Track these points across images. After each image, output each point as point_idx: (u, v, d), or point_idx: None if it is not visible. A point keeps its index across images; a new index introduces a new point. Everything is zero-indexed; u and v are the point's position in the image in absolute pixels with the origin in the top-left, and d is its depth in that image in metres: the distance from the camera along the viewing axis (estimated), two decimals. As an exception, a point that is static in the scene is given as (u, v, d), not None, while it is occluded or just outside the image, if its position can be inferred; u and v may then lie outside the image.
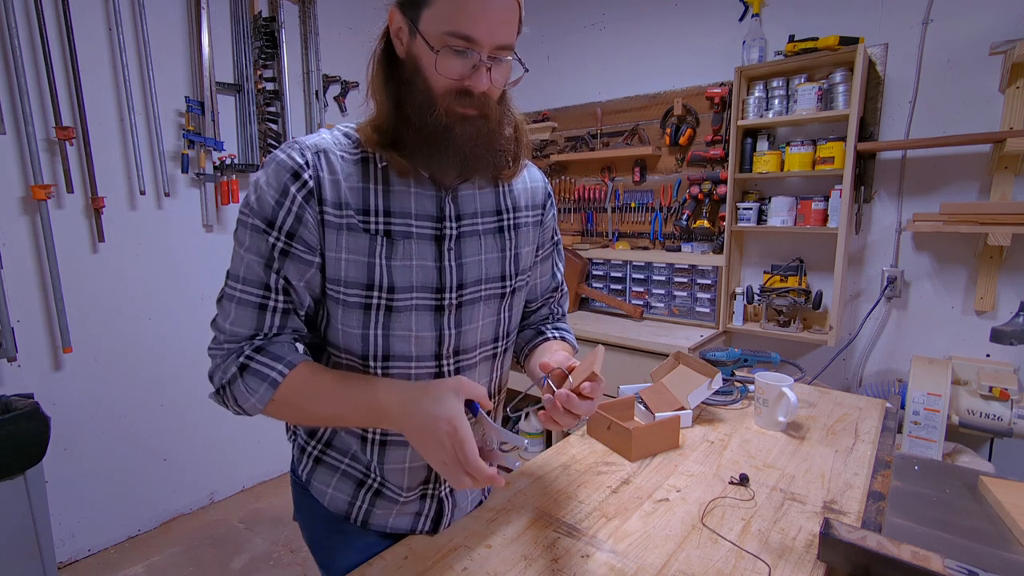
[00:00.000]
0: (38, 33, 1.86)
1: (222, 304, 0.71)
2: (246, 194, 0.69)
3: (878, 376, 2.16)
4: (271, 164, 0.68)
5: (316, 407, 0.69)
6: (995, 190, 1.83)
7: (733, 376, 1.45)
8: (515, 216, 0.83)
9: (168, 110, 2.24)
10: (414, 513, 0.84)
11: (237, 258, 0.69)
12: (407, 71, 0.68)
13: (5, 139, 1.84)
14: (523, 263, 0.84)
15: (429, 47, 0.63)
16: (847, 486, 0.95)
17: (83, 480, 2.12)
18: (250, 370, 0.68)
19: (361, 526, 0.83)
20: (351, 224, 0.69)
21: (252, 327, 0.70)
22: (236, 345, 0.70)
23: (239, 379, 0.68)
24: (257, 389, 0.68)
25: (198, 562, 2.15)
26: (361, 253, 0.70)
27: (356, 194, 0.69)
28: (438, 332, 0.76)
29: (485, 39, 0.63)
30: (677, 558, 0.76)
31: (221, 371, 0.70)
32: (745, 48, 2.23)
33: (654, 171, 2.69)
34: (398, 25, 0.67)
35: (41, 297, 1.97)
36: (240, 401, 0.69)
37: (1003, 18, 1.80)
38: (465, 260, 0.76)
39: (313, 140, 0.70)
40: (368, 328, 0.73)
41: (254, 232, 0.67)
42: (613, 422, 1.09)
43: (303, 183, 0.67)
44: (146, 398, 2.29)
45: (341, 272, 0.70)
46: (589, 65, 2.87)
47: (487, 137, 0.69)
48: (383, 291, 0.71)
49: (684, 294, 2.55)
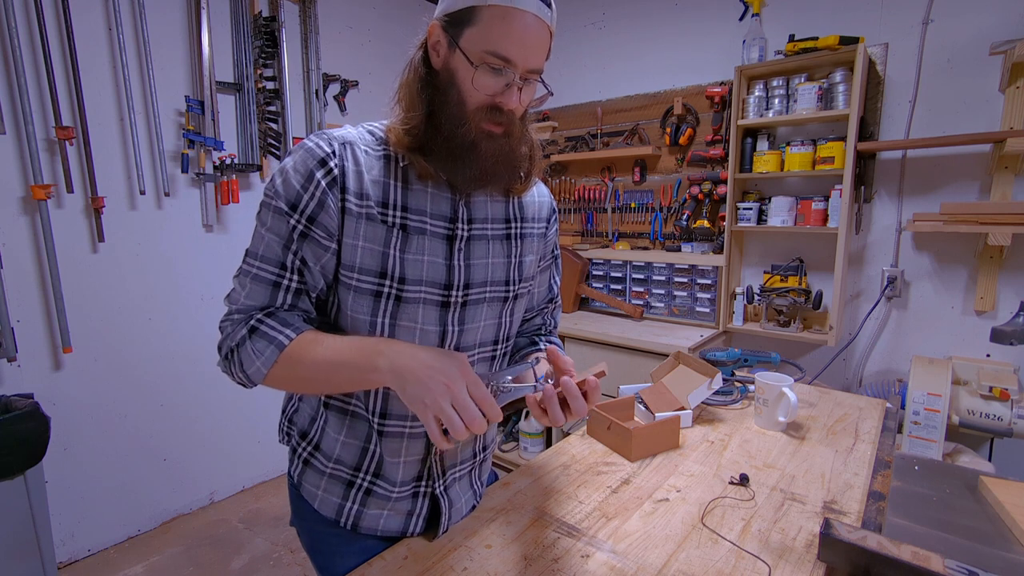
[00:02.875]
0: (38, 33, 1.86)
1: (239, 279, 0.74)
2: (271, 176, 0.73)
3: (878, 376, 2.16)
4: (300, 150, 0.71)
5: (314, 357, 0.69)
6: (995, 190, 1.83)
7: (733, 376, 1.45)
8: (522, 226, 0.87)
9: (168, 110, 2.23)
10: (406, 512, 0.83)
11: (257, 236, 0.73)
12: (442, 82, 0.72)
13: (5, 139, 1.84)
14: (526, 271, 0.87)
15: (469, 62, 0.67)
16: (847, 486, 0.95)
17: (83, 480, 2.12)
18: (259, 332, 0.70)
19: (352, 530, 0.83)
20: (370, 214, 0.72)
21: (264, 301, 0.73)
22: (247, 314, 0.72)
23: (247, 341, 0.70)
24: (263, 351, 0.69)
25: (198, 562, 2.14)
26: (377, 242, 0.73)
27: (377, 187, 0.73)
28: (442, 327, 0.78)
29: (520, 61, 0.67)
30: (677, 558, 0.76)
31: (230, 338, 0.72)
32: (745, 47, 2.23)
33: (654, 171, 2.69)
34: (437, 39, 0.71)
35: (41, 297, 1.97)
36: (245, 365, 0.71)
37: (1003, 18, 1.80)
38: (473, 261, 0.79)
39: (340, 133, 0.74)
40: (376, 315, 0.75)
41: (276, 214, 0.71)
42: (613, 422, 1.09)
43: (328, 170, 0.70)
44: (146, 398, 2.29)
45: (356, 259, 0.73)
46: (589, 64, 2.87)
47: (508, 155, 0.74)
48: (394, 280, 0.74)
49: (684, 294, 2.54)
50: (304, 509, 0.86)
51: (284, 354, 0.69)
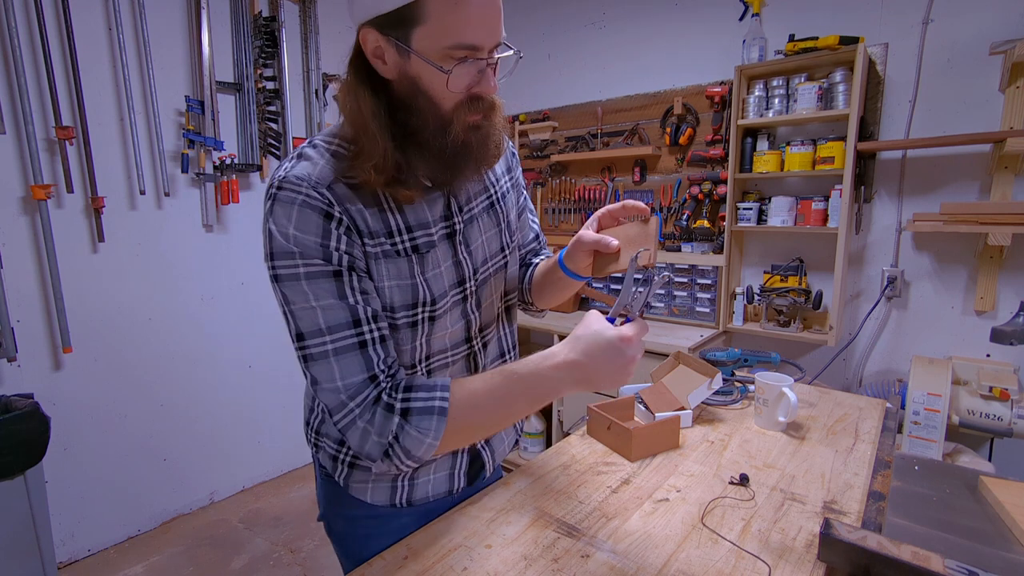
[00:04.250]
0: (38, 33, 1.86)
1: (316, 367, 0.65)
2: (269, 248, 0.64)
3: (878, 376, 2.16)
4: (292, 207, 0.62)
5: (488, 416, 0.66)
6: (995, 190, 1.83)
7: (733, 376, 1.45)
8: (498, 187, 0.85)
9: (168, 109, 2.23)
10: (448, 472, 0.85)
11: (306, 314, 0.64)
12: (402, 93, 0.65)
13: (5, 139, 1.84)
14: (513, 228, 0.88)
15: (434, 66, 0.60)
16: (847, 486, 0.95)
17: (83, 480, 2.12)
18: (412, 412, 0.64)
19: (407, 505, 0.84)
20: (385, 251, 0.68)
21: (364, 369, 0.65)
22: (363, 397, 0.65)
23: (404, 427, 0.64)
24: (429, 426, 0.64)
25: (198, 562, 2.14)
26: (403, 277, 0.70)
27: (377, 219, 0.68)
28: (465, 319, 0.80)
29: (487, 42, 0.62)
30: (677, 558, 0.76)
31: (376, 431, 0.64)
32: (745, 47, 2.23)
33: (654, 171, 2.69)
34: (375, 45, 0.63)
35: (41, 297, 1.97)
36: (414, 449, 0.64)
37: (1003, 18, 1.80)
38: (472, 246, 0.79)
39: (310, 172, 0.64)
40: (416, 341, 0.75)
41: (311, 277, 0.63)
42: (613, 422, 1.09)
43: (339, 221, 0.64)
44: (146, 398, 2.29)
45: (387, 299, 0.70)
46: (589, 64, 2.87)
47: (494, 136, 0.70)
48: (427, 305, 0.73)
49: (684, 294, 2.55)
50: (348, 502, 0.84)
51: (451, 418, 0.64)
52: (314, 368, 0.65)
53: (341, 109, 0.67)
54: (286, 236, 0.62)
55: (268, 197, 0.65)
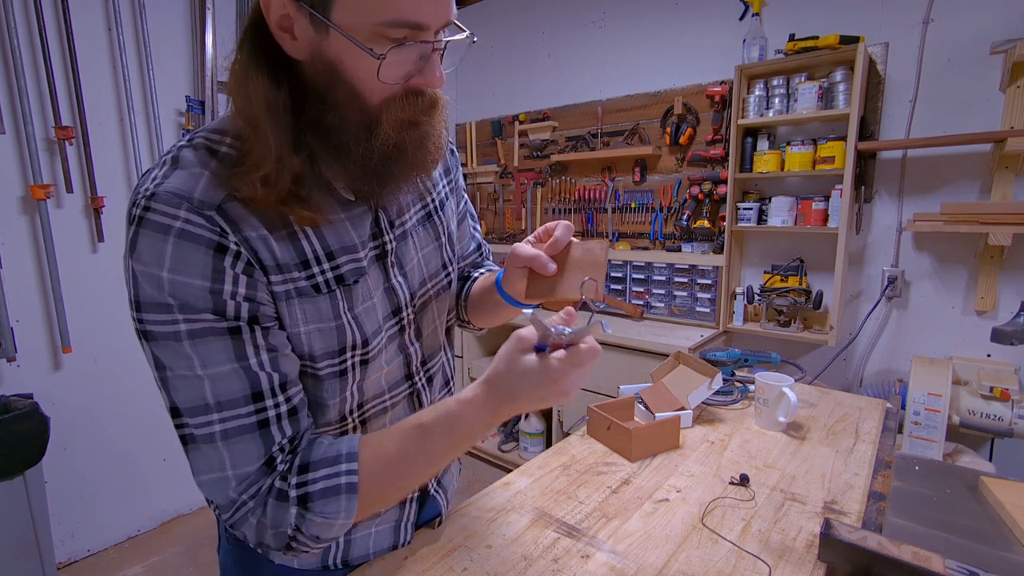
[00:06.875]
0: (38, 33, 1.86)
1: (198, 452, 0.51)
2: (135, 295, 0.49)
3: (878, 376, 2.16)
4: (166, 240, 0.46)
5: (406, 473, 0.55)
6: (996, 190, 1.83)
7: (733, 376, 1.45)
8: (436, 193, 0.72)
9: (168, 109, 2.23)
10: (393, 523, 0.74)
11: (188, 385, 0.49)
12: (313, 81, 0.50)
13: (5, 139, 1.84)
14: (455, 240, 0.77)
15: (362, 48, 0.46)
16: (847, 486, 0.95)
17: (83, 480, 2.12)
18: (313, 496, 0.51)
19: (344, 567, 0.71)
20: (300, 288, 0.54)
21: (260, 453, 0.51)
22: (257, 488, 0.51)
23: (305, 516, 0.51)
24: (338, 508, 0.52)
25: (198, 562, 2.14)
26: (326, 318, 0.56)
27: (285, 246, 0.53)
28: (404, 354, 0.67)
29: (433, 20, 0.48)
30: (677, 558, 0.76)
31: (272, 526, 0.51)
32: (745, 47, 2.23)
33: (654, 171, 2.69)
34: (282, 13, 0.48)
35: (41, 297, 1.97)
36: (324, 533, 0.53)
37: (1003, 17, 1.80)
38: (407, 267, 0.66)
39: (190, 187, 0.48)
40: (344, 392, 0.61)
41: (196, 336, 0.48)
42: (613, 422, 1.09)
43: (235, 255, 0.48)
44: (146, 398, 2.29)
45: (304, 347, 0.56)
46: (589, 63, 2.87)
47: (433, 136, 0.56)
48: (357, 348, 0.60)
49: (684, 294, 2.54)
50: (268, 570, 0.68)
51: (362, 492, 0.53)
52: (194, 453, 0.51)
53: (229, 97, 0.51)
54: (158, 282, 0.47)
55: (130, 221, 0.48)
